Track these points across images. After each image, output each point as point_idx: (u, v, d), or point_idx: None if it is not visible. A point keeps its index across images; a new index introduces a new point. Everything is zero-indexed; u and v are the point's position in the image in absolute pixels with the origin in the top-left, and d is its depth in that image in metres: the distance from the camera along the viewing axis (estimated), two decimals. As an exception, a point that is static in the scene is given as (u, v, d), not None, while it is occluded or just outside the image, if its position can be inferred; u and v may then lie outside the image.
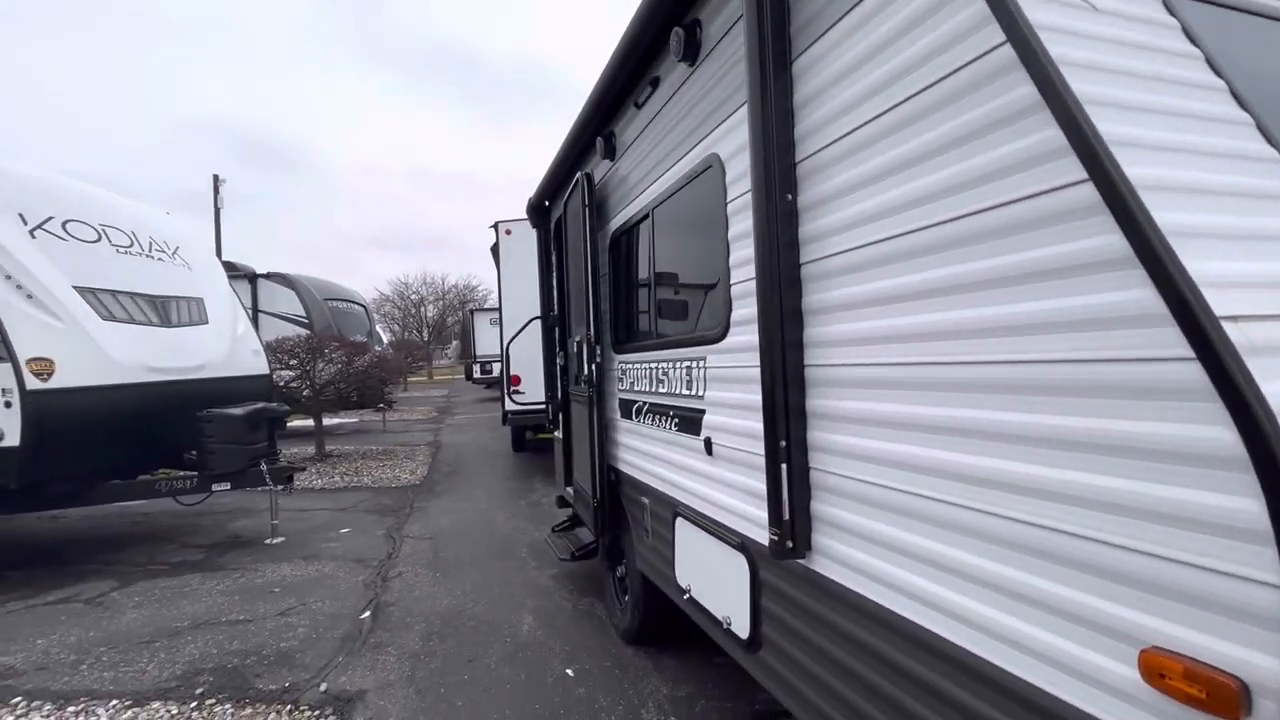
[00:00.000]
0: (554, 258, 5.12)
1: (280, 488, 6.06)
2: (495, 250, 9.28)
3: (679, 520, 2.68)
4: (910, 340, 1.41)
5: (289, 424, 9.53)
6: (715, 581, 2.36)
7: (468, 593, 4.59)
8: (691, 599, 2.54)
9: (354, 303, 15.96)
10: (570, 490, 4.82)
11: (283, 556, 5.60)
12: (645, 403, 3.05)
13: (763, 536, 2.00)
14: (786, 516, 1.73)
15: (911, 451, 1.41)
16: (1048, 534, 1.11)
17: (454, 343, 62.03)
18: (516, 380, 8.40)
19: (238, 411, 5.86)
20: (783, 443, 1.73)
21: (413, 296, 51.68)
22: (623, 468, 3.45)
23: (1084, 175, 0.99)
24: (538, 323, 5.46)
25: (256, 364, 7.10)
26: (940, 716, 1.35)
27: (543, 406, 8.15)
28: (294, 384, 10.42)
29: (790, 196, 1.74)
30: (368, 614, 4.27)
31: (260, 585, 4.91)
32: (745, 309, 2.07)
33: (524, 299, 8.13)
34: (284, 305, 13.38)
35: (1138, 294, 0.93)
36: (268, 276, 13.74)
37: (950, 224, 1.29)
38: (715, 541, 2.33)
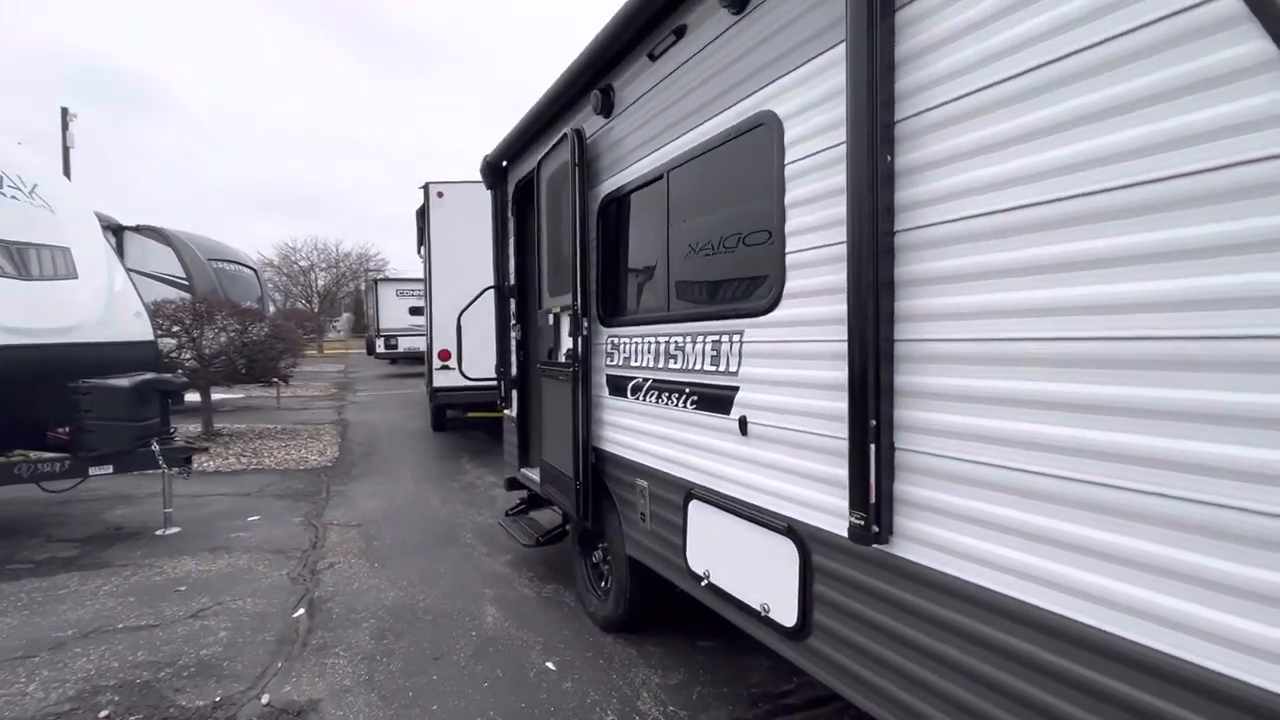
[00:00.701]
0: (513, 223, 4.75)
1: (176, 471, 5.27)
2: (422, 214, 8.59)
3: (694, 503, 2.54)
4: (1037, 315, 1.34)
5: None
6: (747, 567, 2.24)
7: (415, 584, 4.21)
8: (712, 585, 2.41)
9: (242, 265, 14.31)
10: (530, 472, 4.55)
11: (182, 549, 4.88)
12: (646, 379, 2.86)
13: (816, 520, 1.92)
14: (873, 500, 1.63)
15: (1037, 430, 1.34)
16: (1197, 507, 1.08)
17: (345, 315, 58.02)
18: (446, 355, 7.86)
19: (123, 383, 5.00)
20: (873, 422, 1.62)
21: (301, 263, 47.49)
22: (610, 448, 3.25)
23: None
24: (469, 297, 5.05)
25: (139, 328, 6.11)
26: (1044, 691, 1.32)
27: (477, 383, 7.75)
28: (175, 354, 9.16)
29: (889, 158, 1.62)
30: (301, 611, 3.80)
31: (160, 584, 4.24)
32: (806, 279, 1.94)
33: (457, 266, 7.62)
34: (158, 264, 11.73)
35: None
36: (137, 230, 11.96)
37: (1104, 194, 1.22)
38: (749, 526, 2.21)
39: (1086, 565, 1.27)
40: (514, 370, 4.91)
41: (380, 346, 21.61)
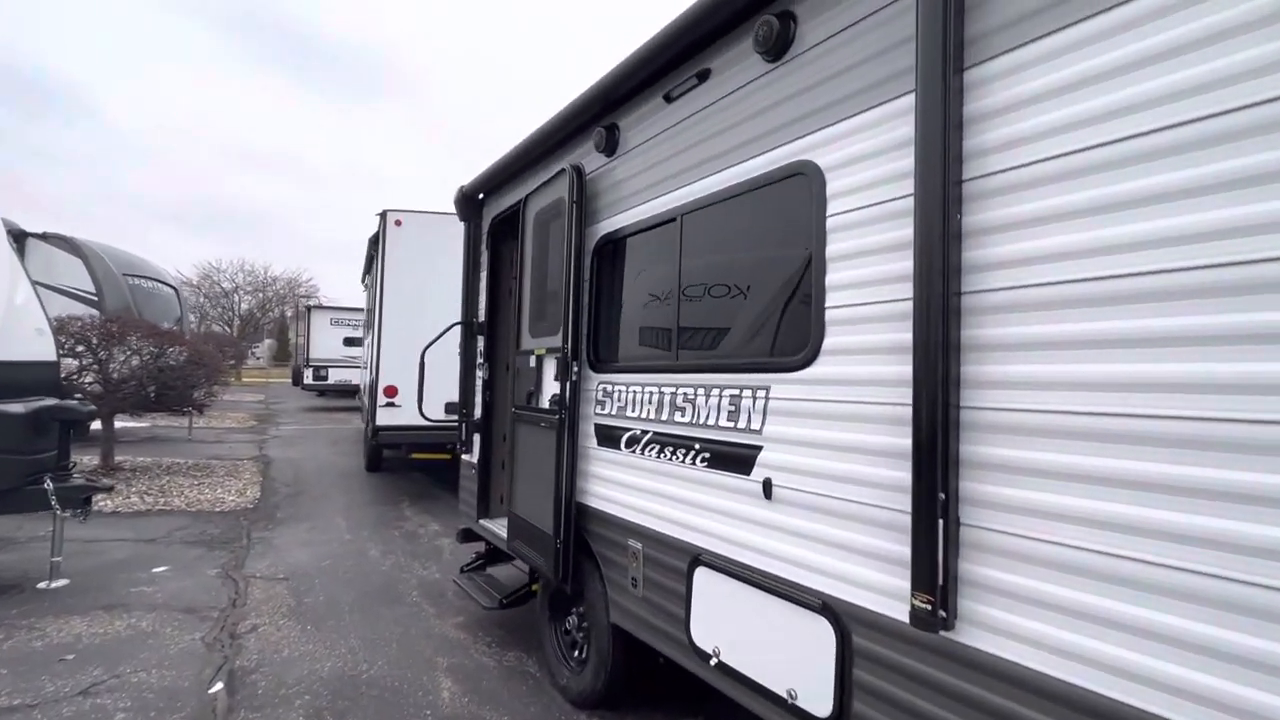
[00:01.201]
0: (487, 257, 4.53)
1: (72, 513, 4.58)
2: (377, 241, 8.21)
3: (702, 571, 2.33)
4: (1115, 389, 1.27)
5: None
6: (769, 646, 2.05)
7: (356, 650, 3.74)
8: (722, 665, 2.19)
9: (162, 282, 13.21)
10: (492, 524, 4.20)
11: (72, 607, 4.18)
12: (645, 431, 2.68)
13: (860, 598, 1.76)
14: (941, 582, 1.49)
15: (1117, 509, 1.25)
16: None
17: (267, 341, 54.85)
18: (392, 392, 7.39)
19: (16, 409, 4.34)
20: (942, 495, 1.50)
21: (225, 284, 44.79)
22: (596, 504, 3.01)
23: None
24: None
25: (41, 347, 5.39)
26: None
27: (431, 424, 7.29)
28: (76, 377, 8.19)
29: (959, 217, 1.55)
30: (219, 686, 3.27)
31: (41, 651, 3.58)
32: (851, 336, 1.83)
33: (412, 299, 7.26)
34: (65, 277, 10.63)
35: None
36: (44, 237, 10.86)
37: (1179, 274, 1.19)
38: (773, 600, 2.03)
39: (1179, 659, 1.16)
40: (478, 412, 4.60)
41: (308, 377, 20.36)
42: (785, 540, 2.01)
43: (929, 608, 1.51)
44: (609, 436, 2.94)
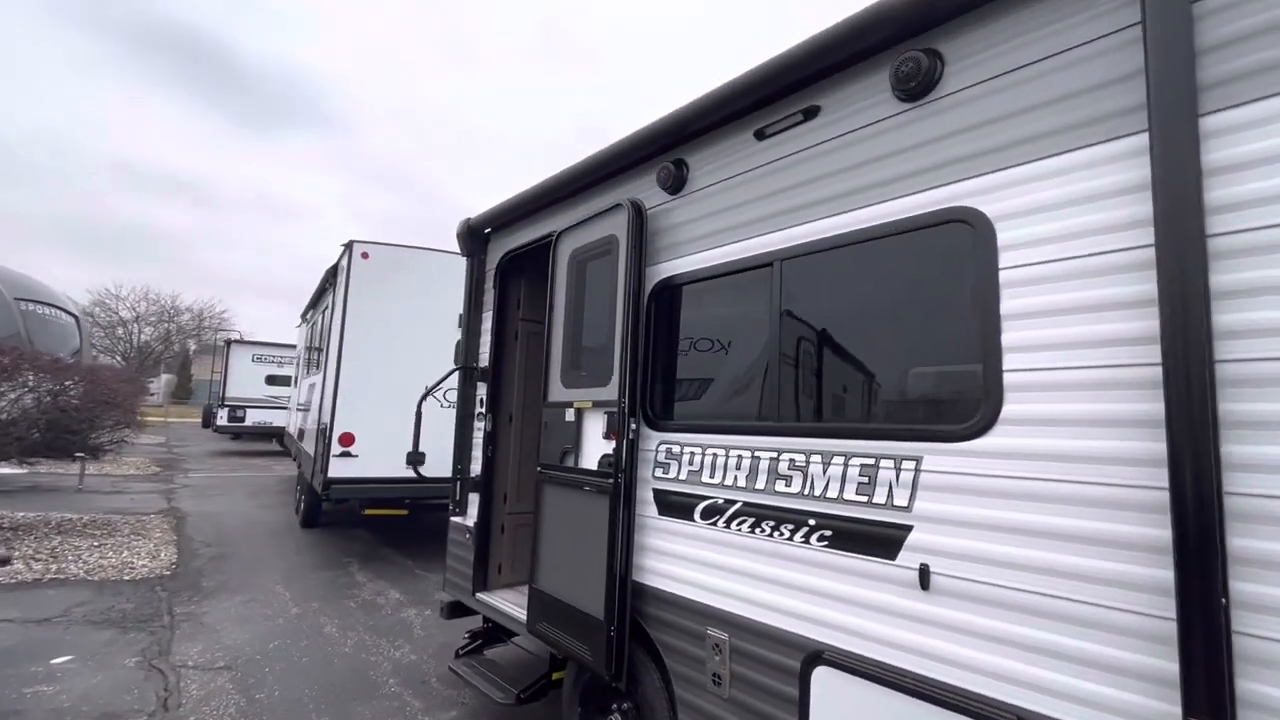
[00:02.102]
0: (493, 296, 4.13)
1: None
2: (336, 272, 7.55)
3: (824, 671, 2.00)
4: None
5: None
6: (935, 770, 1.72)
7: (335, 764, 3.08)
8: (865, 791, 1.84)
9: (61, 309, 11.69)
10: (493, 599, 3.68)
11: (-56, 722, 3.27)
12: (732, 501, 2.35)
13: (1074, 714, 1.48)
14: (1226, 702, 1.25)
15: None
16: None
17: (165, 376, 50.25)
18: (349, 440, 6.66)
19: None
20: (1223, 600, 1.27)
21: (124, 312, 40.91)
22: (658, 583, 2.62)
23: None
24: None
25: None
26: None
27: (388, 477, 6.60)
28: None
29: (1205, 276, 1.38)
30: (162, 827, 2.55)
31: (-98, 790, 2.72)
32: (1044, 405, 1.61)
33: (377, 338, 6.67)
34: (-59, 299, 9.16)
35: None
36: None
37: None
38: (941, 712, 1.72)
39: None
40: (475, 468, 4.10)
41: (222, 418, 18.51)
42: (956, 640, 1.72)
43: (1219, 740, 1.25)
44: (676, 505, 2.59)
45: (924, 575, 1.80)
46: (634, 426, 2.75)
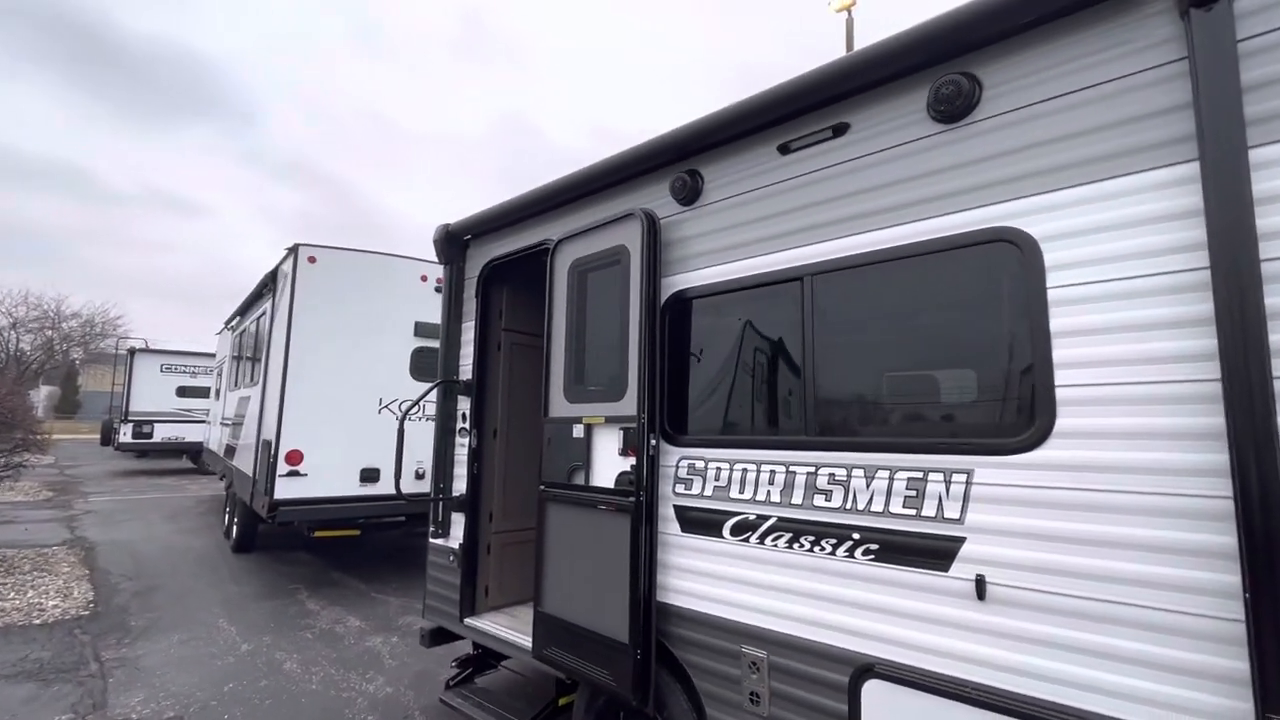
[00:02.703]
0: (476, 306, 3.96)
1: None
2: (277, 277, 7.04)
3: (876, 684, 2.01)
4: None
5: None
6: (1000, 777, 1.76)
7: (325, 816, 2.83)
8: (926, 802, 1.87)
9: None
10: (485, 624, 3.52)
11: None
12: (767, 517, 2.34)
13: (1140, 716, 1.56)
14: (1303, 703, 1.34)
15: None
16: None
17: (46, 389, 45.41)
18: (297, 458, 6.21)
19: None
20: (1294, 603, 1.36)
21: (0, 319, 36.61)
22: (684, 603, 2.57)
23: None
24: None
25: None
26: None
27: (341, 496, 6.21)
28: None
29: (1261, 298, 1.48)
30: None
31: None
32: (1097, 419, 1.69)
33: (326, 349, 6.27)
34: None
35: None
36: None
37: None
38: (999, 718, 1.76)
39: None
40: (457, 486, 3.91)
41: (126, 434, 16.84)
42: (1014, 649, 1.77)
43: (1301, 736, 1.34)
44: (702, 522, 2.55)
45: (980, 585, 1.84)
46: (654, 442, 2.69)
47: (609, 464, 2.83)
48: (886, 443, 2.10)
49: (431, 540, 4.01)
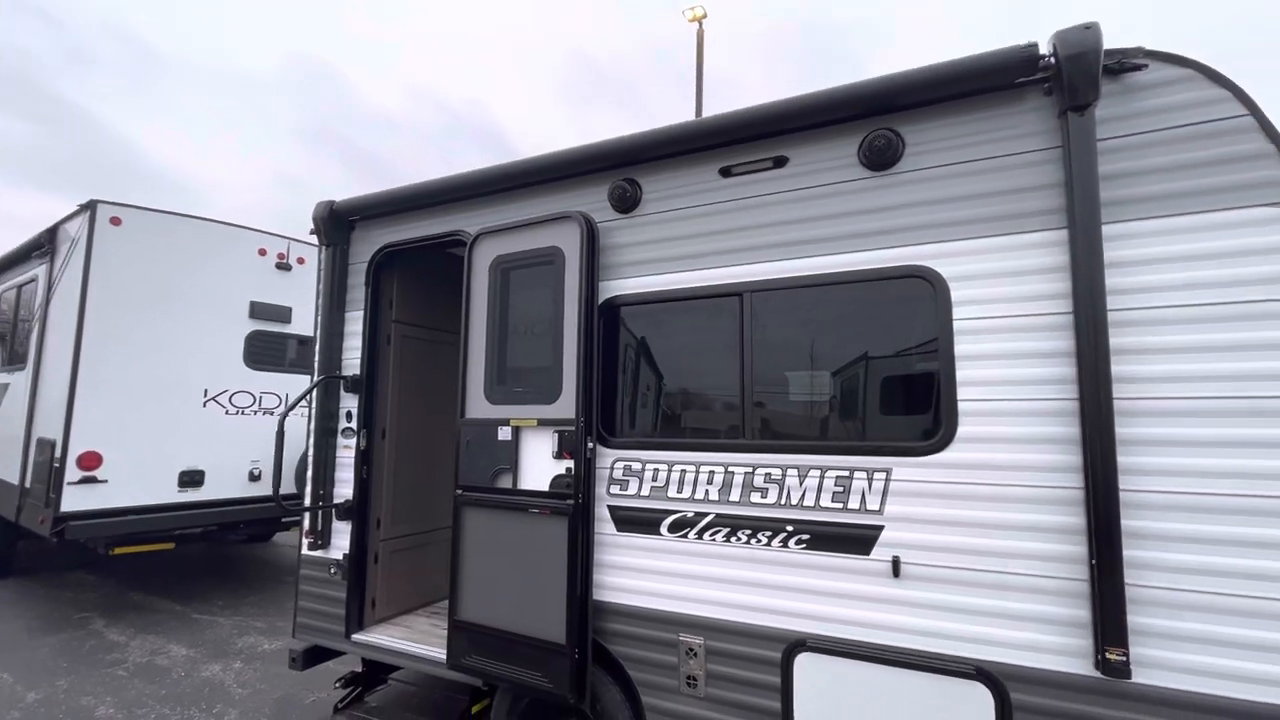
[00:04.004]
0: (366, 294, 3.63)
1: None
2: (56, 238, 5.68)
3: (805, 657, 2.30)
4: (1245, 477, 1.82)
5: None
6: (911, 721, 2.13)
7: None
8: (851, 751, 2.19)
9: None
10: (376, 638, 3.29)
11: None
12: (704, 514, 2.53)
13: (1019, 659, 2.02)
14: (1125, 635, 1.84)
15: (1249, 564, 1.79)
16: None
17: None
18: (94, 461, 5.13)
19: None
20: (1124, 565, 1.86)
21: None
22: (620, 599, 2.67)
23: None
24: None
25: None
26: None
27: (151, 505, 5.29)
28: None
29: (1107, 339, 1.97)
30: None
31: None
32: (988, 427, 2.12)
33: (133, 329, 5.30)
34: None
35: None
36: None
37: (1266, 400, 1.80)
38: (912, 675, 2.14)
39: (1313, 668, 1.72)
40: (341, 492, 3.58)
41: None
42: (923, 615, 2.15)
43: (1124, 660, 1.84)
44: (638, 521, 2.66)
45: (895, 565, 2.20)
46: (591, 444, 2.74)
47: (542, 467, 2.82)
48: (818, 445, 2.39)
49: (307, 553, 3.62)
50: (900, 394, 2.36)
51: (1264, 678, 1.75)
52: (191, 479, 5.65)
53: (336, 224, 3.68)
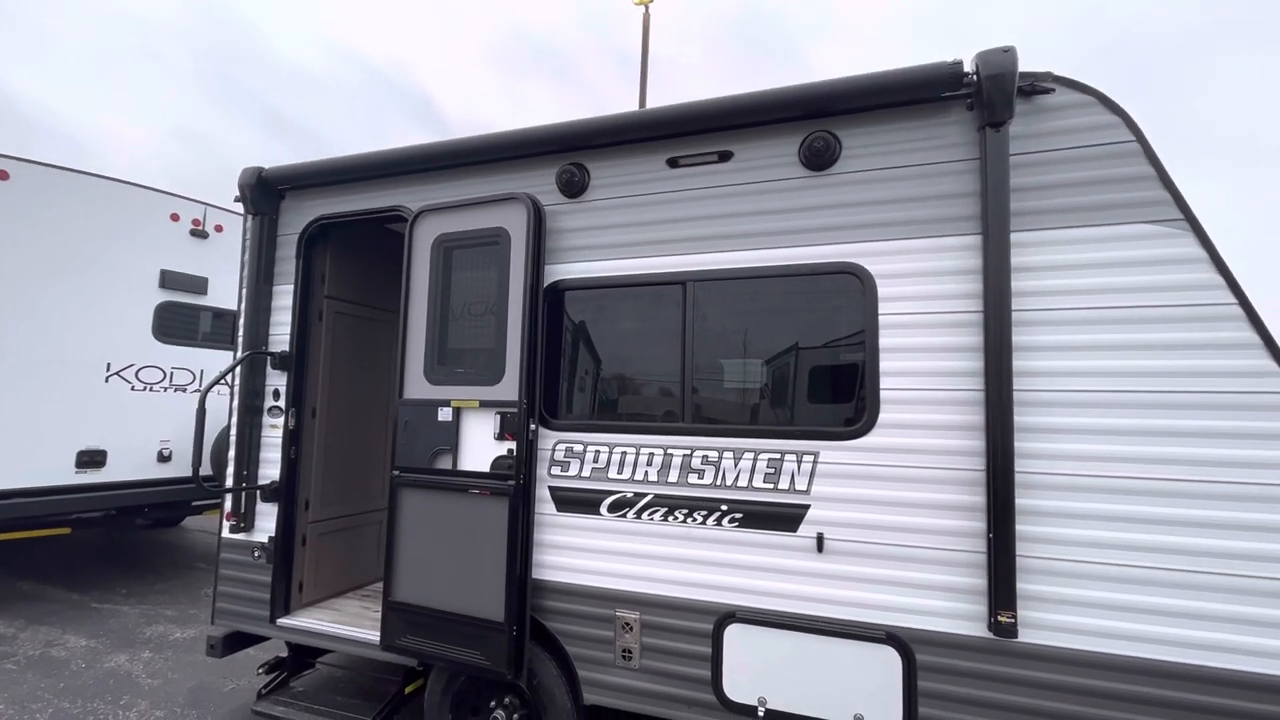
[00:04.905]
0: (297, 267, 3.48)
1: None
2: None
3: (735, 628, 2.44)
4: (1124, 461, 2.09)
5: None
6: (827, 683, 2.31)
7: None
8: (774, 712, 2.35)
9: None
10: (304, 621, 3.22)
11: None
12: (643, 495, 2.62)
13: (924, 624, 2.24)
14: (1015, 600, 2.07)
15: (1121, 536, 2.05)
16: (1214, 577, 1.95)
17: None
18: (-25, 438, 4.68)
19: None
20: (1016, 538, 2.08)
21: None
22: (560, 578, 2.73)
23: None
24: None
25: None
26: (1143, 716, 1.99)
27: (40, 488, 4.90)
28: None
29: (1010, 337, 2.18)
30: None
31: None
32: (907, 414, 2.30)
33: (16, 295, 4.88)
34: None
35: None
36: None
37: (1149, 394, 2.07)
38: (830, 641, 2.32)
39: (1162, 622, 2.00)
40: (268, 472, 3.45)
41: None
42: (842, 586, 2.33)
43: (1012, 621, 2.07)
44: (578, 501, 2.73)
45: (820, 541, 2.37)
46: (533, 427, 2.77)
47: (483, 448, 2.82)
48: (752, 429, 2.52)
49: (228, 535, 3.46)
50: (829, 382, 2.52)
51: (1130, 634, 2.02)
52: (92, 459, 5.25)
53: (265, 192, 3.50)
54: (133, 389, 5.52)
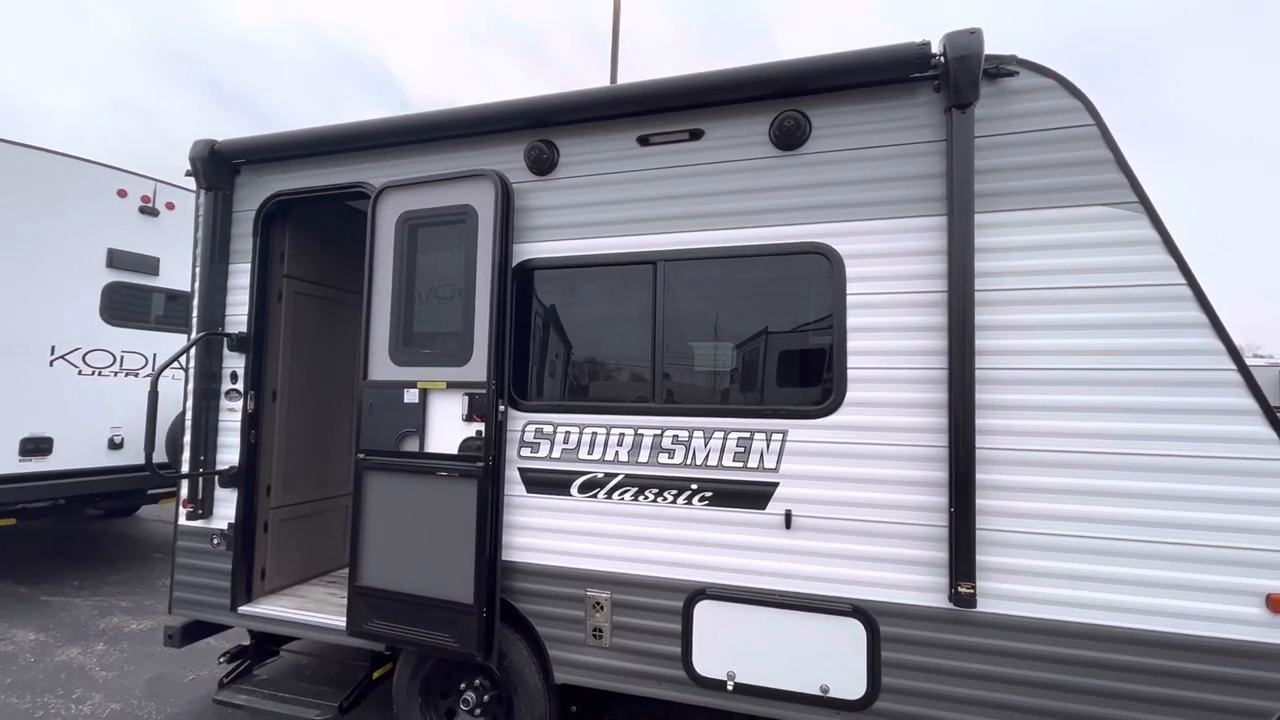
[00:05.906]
0: (254, 246, 3.36)
1: None
2: None
3: (704, 604, 2.47)
4: (1080, 436, 2.16)
5: None
6: (795, 655, 2.36)
7: None
8: (742, 685, 2.39)
9: None
10: (268, 609, 3.16)
11: None
12: (613, 475, 2.62)
13: (891, 596, 2.29)
14: (974, 571, 2.13)
15: (1077, 509, 2.13)
16: (1163, 546, 2.05)
17: None
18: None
19: None
20: (976, 512, 2.14)
21: None
22: (530, 559, 2.71)
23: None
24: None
25: None
26: (1095, 679, 2.08)
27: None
28: None
29: (974, 316, 2.22)
30: None
31: None
32: (873, 393, 2.34)
33: None
34: None
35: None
36: None
37: (1103, 371, 2.14)
38: (798, 615, 2.36)
39: (1113, 590, 2.09)
40: (225, 458, 3.34)
41: None
42: (809, 562, 2.37)
43: (972, 592, 2.13)
44: (548, 482, 2.71)
45: (788, 518, 2.40)
46: (502, 408, 2.73)
47: (450, 430, 2.77)
48: (722, 409, 2.54)
49: (185, 523, 3.36)
50: (798, 360, 2.54)
51: (1083, 602, 2.11)
52: (37, 447, 5.02)
53: (218, 166, 3.35)
54: (80, 373, 5.28)
